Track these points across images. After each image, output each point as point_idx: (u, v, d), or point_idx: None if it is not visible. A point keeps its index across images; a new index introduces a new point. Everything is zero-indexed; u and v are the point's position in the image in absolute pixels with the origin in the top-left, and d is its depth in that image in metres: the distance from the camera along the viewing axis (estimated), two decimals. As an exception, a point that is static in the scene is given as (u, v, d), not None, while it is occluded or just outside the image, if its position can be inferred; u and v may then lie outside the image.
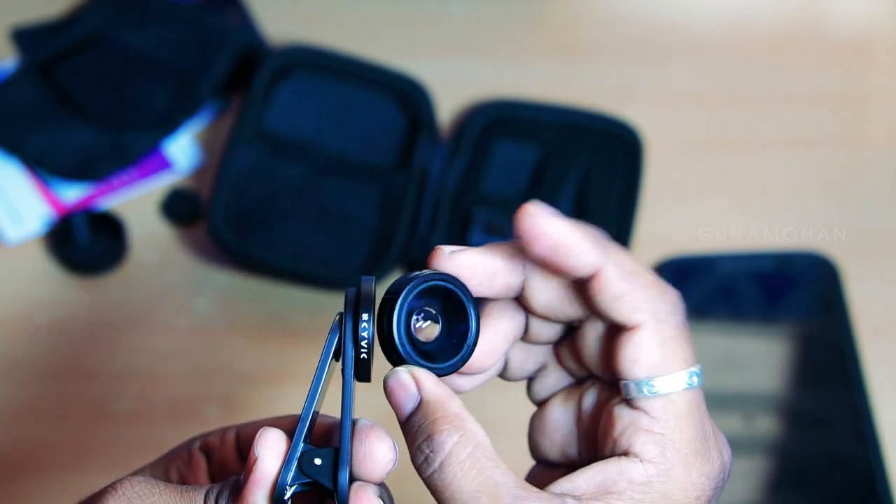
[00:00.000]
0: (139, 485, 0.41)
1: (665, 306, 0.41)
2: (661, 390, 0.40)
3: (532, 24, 0.93)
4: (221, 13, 0.90)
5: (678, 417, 0.41)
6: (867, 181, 0.84)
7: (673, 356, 0.41)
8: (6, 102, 0.83)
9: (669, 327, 0.41)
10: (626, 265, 0.41)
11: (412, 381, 0.41)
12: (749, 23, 0.93)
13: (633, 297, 0.40)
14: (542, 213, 0.40)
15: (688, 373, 0.41)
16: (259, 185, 0.79)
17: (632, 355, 0.40)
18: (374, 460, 0.40)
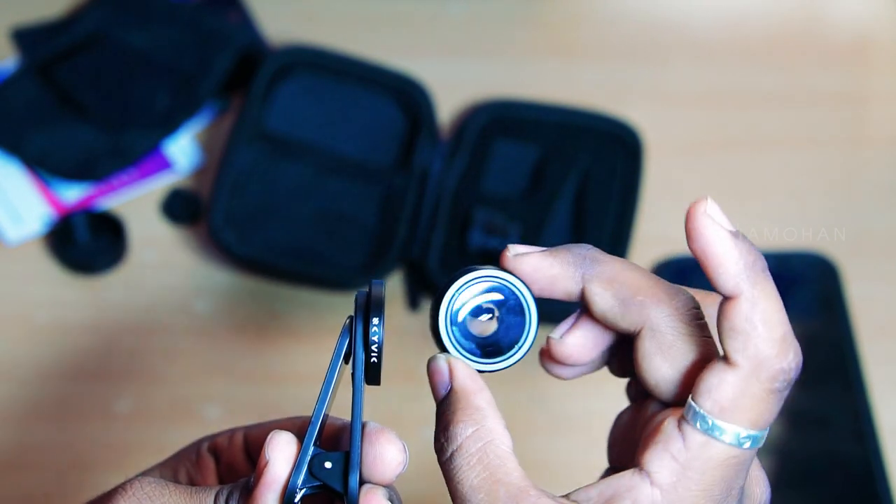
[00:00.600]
0: (149, 485, 0.42)
1: (773, 367, 0.40)
2: (710, 430, 0.39)
3: (532, 25, 0.93)
4: (222, 13, 0.90)
5: (708, 461, 0.40)
6: (867, 181, 0.84)
7: (745, 410, 0.39)
8: (6, 102, 0.83)
9: (761, 384, 0.39)
10: (767, 308, 0.40)
11: (447, 368, 0.42)
12: (749, 23, 0.93)
13: (746, 340, 0.39)
14: (715, 216, 0.41)
15: (745, 432, 0.40)
16: (259, 185, 0.79)
17: (711, 385, 0.39)
18: (385, 462, 0.41)
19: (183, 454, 0.46)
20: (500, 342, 0.43)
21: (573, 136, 0.83)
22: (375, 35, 0.91)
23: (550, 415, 0.74)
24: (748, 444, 0.40)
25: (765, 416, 0.40)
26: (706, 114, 0.87)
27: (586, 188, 0.80)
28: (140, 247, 0.79)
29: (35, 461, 0.71)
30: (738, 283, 0.40)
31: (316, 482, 0.40)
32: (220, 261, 0.79)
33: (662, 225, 0.81)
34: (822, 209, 0.83)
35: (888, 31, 0.93)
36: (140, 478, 0.42)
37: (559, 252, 0.42)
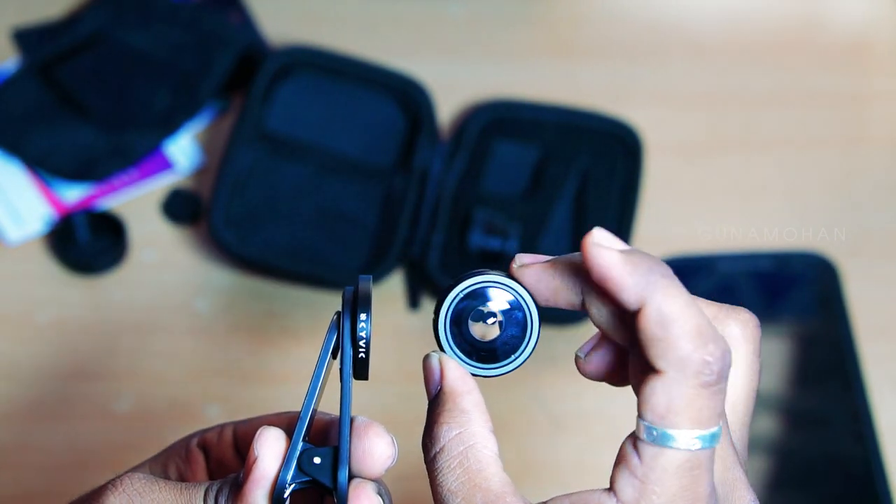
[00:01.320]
0: (139, 482, 0.42)
1: (694, 363, 0.39)
2: (657, 440, 0.40)
3: (531, 25, 0.93)
4: (222, 14, 0.90)
5: (664, 471, 0.40)
6: (866, 181, 0.84)
7: (682, 411, 0.39)
8: (7, 103, 0.83)
9: (688, 382, 0.39)
10: (670, 309, 0.40)
11: (439, 367, 0.42)
12: (748, 23, 0.93)
13: (663, 345, 0.39)
14: (602, 242, 0.41)
15: (691, 433, 0.39)
16: (259, 185, 0.79)
17: (645, 398, 0.40)
18: (373, 457, 0.41)
19: (173, 449, 0.46)
20: (497, 349, 0.43)
21: (573, 136, 0.83)
22: (375, 35, 0.91)
23: (550, 415, 0.74)
24: (698, 444, 0.39)
25: (705, 412, 0.39)
26: (706, 114, 0.87)
27: (586, 188, 0.80)
28: (140, 247, 0.79)
29: (36, 460, 0.71)
30: (639, 293, 0.40)
31: (305, 477, 0.40)
32: (220, 261, 0.79)
33: (662, 225, 0.82)
34: (821, 209, 0.83)
35: (887, 31, 0.93)
36: (130, 474, 0.42)
37: (560, 262, 0.42)
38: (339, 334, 0.42)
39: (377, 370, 0.77)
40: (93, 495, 0.42)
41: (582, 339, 0.76)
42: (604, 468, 0.73)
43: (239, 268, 0.78)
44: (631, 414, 0.75)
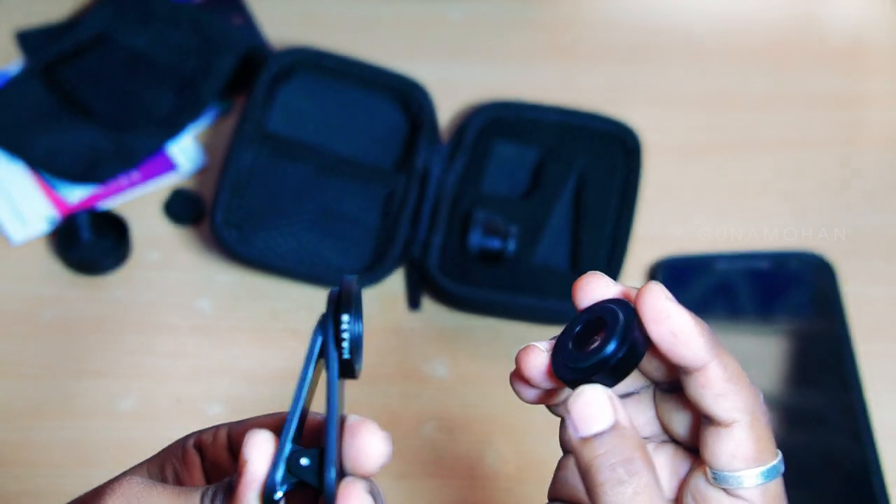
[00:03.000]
0: (137, 486, 0.41)
1: (759, 406, 0.43)
2: (758, 481, 0.43)
3: (531, 27, 0.93)
4: (224, 16, 0.90)
5: (774, 499, 0.43)
6: (863, 182, 0.84)
7: (766, 450, 0.43)
8: (11, 104, 0.83)
9: (762, 425, 0.43)
10: (731, 366, 0.43)
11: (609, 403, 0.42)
12: (746, 26, 0.94)
13: (734, 399, 0.42)
14: (666, 296, 0.42)
15: (775, 464, 0.43)
16: (261, 185, 0.79)
17: (731, 451, 0.42)
18: (367, 454, 0.40)
19: (169, 451, 0.46)
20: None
21: (572, 137, 0.83)
22: (376, 38, 0.91)
23: (549, 413, 0.74)
24: (782, 466, 0.44)
25: (774, 441, 0.43)
26: (704, 115, 0.88)
27: (585, 189, 0.81)
28: (143, 247, 0.79)
29: (40, 458, 0.71)
30: (707, 353, 0.42)
31: (294, 479, 0.40)
32: (222, 261, 0.79)
33: (660, 225, 0.82)
34: (818, 210, 0.83)
35: (883, 33, 0.93)
36: (128, 478, 0.42)
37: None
38: (324, 336, 0.41)
39: (378, 370, 0.77)
40: (90, 498, 0.42)
41: None
42: None
43: (241, 267, 0.78)
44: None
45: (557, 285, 0.76)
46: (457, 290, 0.75)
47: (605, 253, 0.78)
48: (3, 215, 0.80)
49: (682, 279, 0.78)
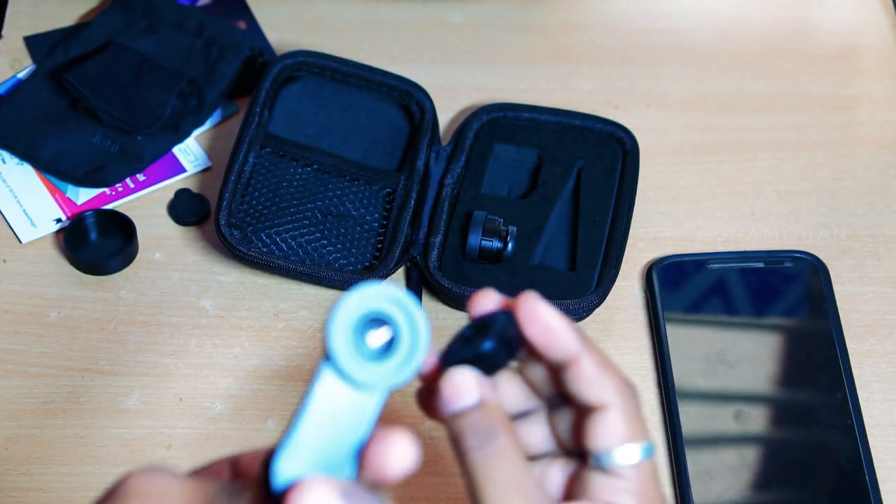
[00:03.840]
0: (159, 472, 0.42)
1: (628, 391, 0.48)
2: (631, 460, 0.47)
3: (529, 30, 0.93)
4: (228, 19, 0.90)
5: (647, 479, 0.47)
6: (854, 183, 0.84)
7: (637, 430, 0.47)
8: (19, 108, 0.84)
9: (631, 408, 0.47)
10: (599, 356, 0.47)
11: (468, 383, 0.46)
12: (741, 29, 0.94)
13: (605, 383, 0.47)
14: (539, 300, 0.46)
15: (648, 444, 0.47)
16: (264, 186, 0.79)
17: (604, 431, 0.47)
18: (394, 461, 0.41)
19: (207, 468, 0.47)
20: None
21: (570, 138, 0.83)
22: (377, 41, 0.91)
23: None
24: (648, 454, 0.47)
25: (644, 427, 0.48)
26: (700, 117, 0.88)
27: (583, 190, 0.81)
28: (148, 247, 0.80)
29: (46, 455, 0.71)
30: (578, 345, 0.47)
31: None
32: (226, 261, 0.79)
33: (656, 226, 0.82)
34: (811, 211, 0.83)
35: (876, 37, 0.94)
36: (149, 472, 0.42)
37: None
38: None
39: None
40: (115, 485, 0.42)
41: None
42: None
43: (244, 268, 0.79)
44: None
45: (556, 285, 0.76)
46: (457, 290, 0.75)
47: (602, 253, 0.78)
48: (12, 216, 0.81)
49: (678, 279, 0.78)
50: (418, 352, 0.43)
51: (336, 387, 0.42)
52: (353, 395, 0.42)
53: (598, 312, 0.76)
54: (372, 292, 0.43)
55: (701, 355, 0.75)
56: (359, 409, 0.42)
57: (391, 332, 0.43)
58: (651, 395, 0.74)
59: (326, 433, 0.41)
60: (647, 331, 0.77)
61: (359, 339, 0.43)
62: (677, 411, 0.72)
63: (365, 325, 0.43)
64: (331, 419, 0.41)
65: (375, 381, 0.42)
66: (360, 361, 0.42)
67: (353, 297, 0.42)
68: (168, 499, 0.41)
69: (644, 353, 0.76)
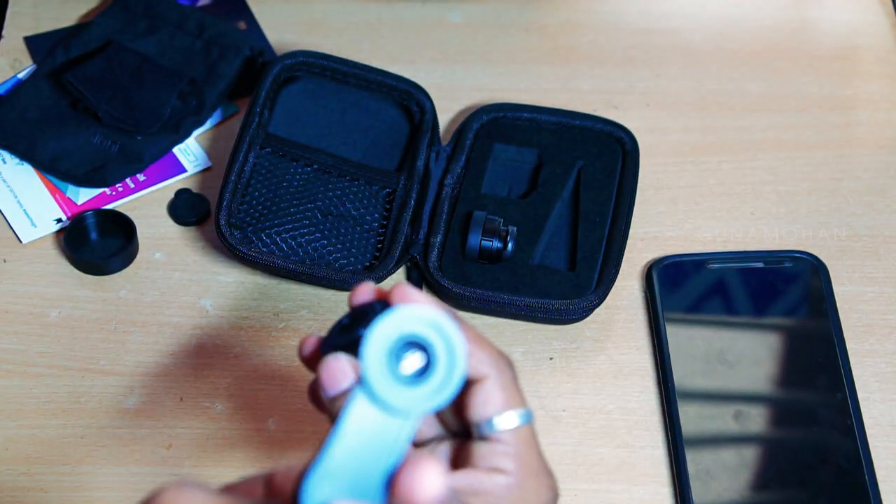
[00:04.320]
0: (190, 488, 0.41)
1: (503, 362, 0.50)
2: (509, 425, 0.49)
3: (529, 31, 0.93)
4: (229, 20, 0.90)
5: (526, 443, 0.50)
6: (854, 183, 0.84)
7: (514, 398, 0.50)
8: (19, 108, 0.84)
9: (507, 378, 0.50)
10: (473, 331, 0.50)
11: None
12: (740, 30, 0.94)
13: (480, 355, 0.50)
14: (410, 287, 0.48)
15: (525, 410, 0.50)
16: (264, 186, 0.79)
17: (483, 400, 0.49)
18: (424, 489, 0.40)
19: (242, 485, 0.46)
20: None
21: (570, 138, 0.83)
22: (377, 41, 0.91)
23: (547, 410, 0.74)
24: (530, 416, 0.51)
25: (522, 394, 0.51)
26: (699, 117, 0.88)
27: (583, 190, 0.81)
28: (149, 247, 0.80)
29: (46, 455, 0.71)
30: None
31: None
32: (226, 261, 0.79)
33: (656, 226, 0.82)
34: (810, 211, 0.83)
35: (875, 38, 0.94)
36: (181, 487, 0.42)
37: None
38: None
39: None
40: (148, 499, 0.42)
41: (580, 338, 0.77)
42: (599, 460, 0.74)
43: (244, 268, 0.79)
44: (624, 409, 0.75)
45: (556, 285, 0.76)
46: (457, 290, 0.75)
47: (602, 253, 0.78)
48: (13, 216, 0.81)
49: (678, 279, 0.78)
50: (454, 376, 0.42)
51: (369, 411, 0.42)
52: (386, 420, 0.41)
53: (597, 312, 0.76)
54: (407, 314, 0.42)
55: (701, 355, 0.75)
56: (391, 435, 0.41)
57: (426, 357, 0.42)
58: (651, 395, 0.74)
59: (357, 458, 0.41)
60: (647, 331, 0.77)
61: (393, 364, 0.42)
62: (677, 411, 0.72)
63: (400, 348, 0.42)
64: (362, 444, 0.41)
65: (409, 407, 0.42)
66: (394, 386, 0.42)
67: (388, 320, 0.42)
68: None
69: (644, 353, 0.76)
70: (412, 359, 0.43)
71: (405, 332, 0.42)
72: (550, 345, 0.76)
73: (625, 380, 0.75)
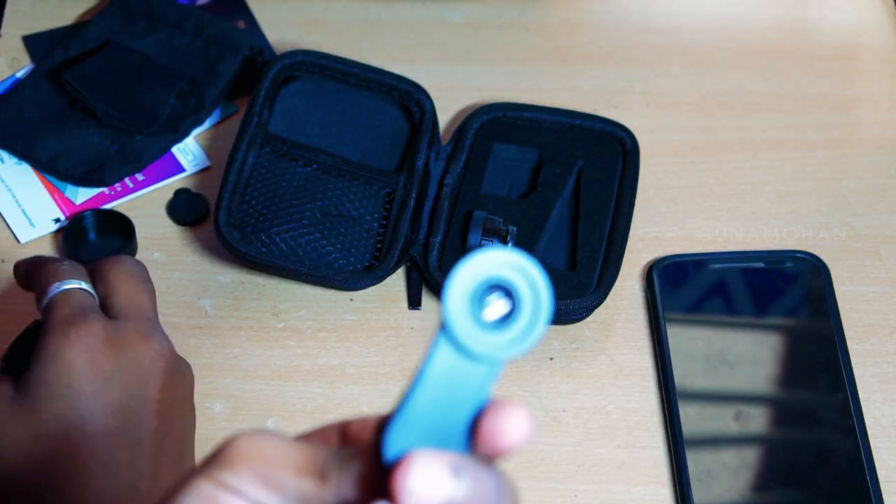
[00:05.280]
0: (264, 433, 0.40)
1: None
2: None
3: (529, 30, 0.93)
4: (228, 19, 0.90)
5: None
6: (855, 183, 0.84)
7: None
8: (17, 107, 0.83)
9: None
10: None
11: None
12: (741, 29, 0.94)
13: None
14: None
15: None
16: (263, 186, 0.79)
17: None
18: (509, 434, 0.38)
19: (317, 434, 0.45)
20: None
21: (570, 138, 0.83)
22: (377, 40, 0.91)
23: (547, 410, 0.74)
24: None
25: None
26: (700, 117, 0.88)
27: (583, 189, 0.81)
28: (147, 247, 0.80)
29: None
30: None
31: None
32: (225, 261, 0.79)
33: (657, 226, 0.82)
34: (811, 211, 0.83)
35: (877, 37, 0.93)
36: (257, 434, 0.40)
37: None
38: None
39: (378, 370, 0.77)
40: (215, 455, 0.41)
41: (580, 338, 0.77)
42: (599, 461, 0.74)
43: (243, 268, 0.79)
44: (624, 409, 0.75)
45: (556, 285, 0.76)
46: (456, 289, 0.75)
47: (602, 253, 0.78)
48: (11, 216, 0.81)
49: (679, 279, 0.78)
50: (539, 321, 0.40)
51: (451, 358, 0.40)
52: (469, 367, 0.40)
53: (598, 312, 0.76)
54: (491, 258, 0.40)
55: (701, 355, 0.75)
56: (474, 382, 0.40)
57: (511, 301, 0.40)
58: (651, 395, 0.74)
59: (439, 406, 0.40)
60: (648, 331, 0.77)
61: (476, 308, 0.40)
62: (678, 411, 0.72)
63: (483, 292, 0.40)
64: (445, 391, 0.40)
65: (493, 353, 0.40)
66: (477, 332, 0.40)
67: (471, 263, 0.40)
68: (276, 462, 0.39)
69: (644, 354, 0.76)
70: (497, 305, 0.41)
71: (489, 275, 0.40)
72: (550, 345, 0.76)
73: (625, 380, 0.75)
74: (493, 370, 0.40)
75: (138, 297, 0.66)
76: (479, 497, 0.38)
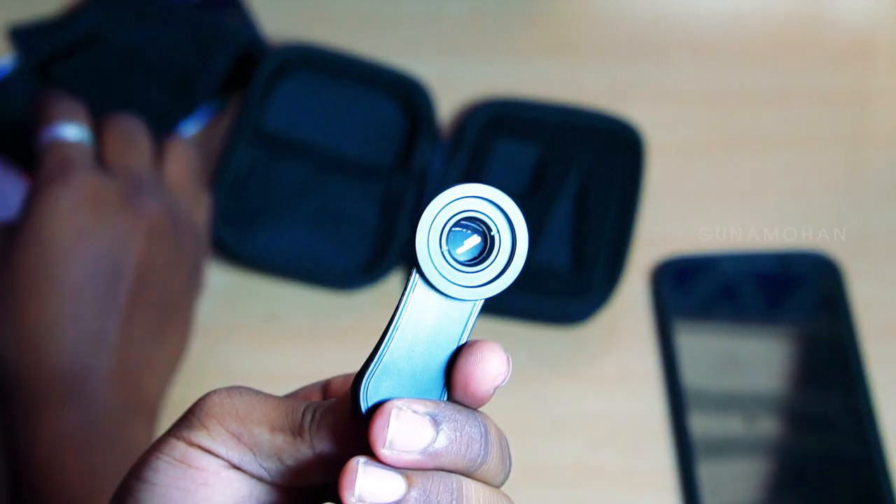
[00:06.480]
0: (242, 390, 0.40)
1: None
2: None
3: (532, 23, 0.93)
4: (220, 12, 0.90)
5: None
6: (869, 180, 0.84)
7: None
8: (3, 102, 0.83)
9: None
10: None
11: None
12: (751, 22, 0.93)
13: None
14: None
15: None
16: (258, 184, 0.79)
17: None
18: (483, 373, 0.37)
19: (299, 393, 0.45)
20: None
21: (574, 135, 0.82)
22: (375, 34, 0.91)
23: (551, 415, 0.74)
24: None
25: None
26: (708, 113, 0.87)
27: (587, 188, 0.80)
28: (138, 246, 0.80)
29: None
30: None
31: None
32: (219, 261, 0.78)
33: (664, 225, 0.81)
34: (824, 208, 0.82)
35: (891, 30, 0.93)
36: (231, 389, 0.41)
37: None
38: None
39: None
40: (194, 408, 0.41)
41: (582, 340, 0.77)
42: (604, 468, 0.75)
43: (238, 268, 0.78)
44: (627, 415, 0.75)
45: (559, 286, 0.76)
46: (457, 290, 0.75)
47: (607, 253, 0.77)
48: (-5, 214, 0.80)
49: (686, 280, 0.78)
50: (517, 257, 0.39)
51: (427, 299, 0.39)
52: (445, 307, 0.39)
53: (602, 314, 0.76)
54: (464, 191, 0.40)
55: (711, 360, 0.74)
56: (450, 323, 0.39)
57: (487, 236, 0.40)
58: (658, 400, 0.74)
59: (416, 351, 0.39)
60: (654, 334, 0.76)
61: (451, 245, 0.40)
62: (687, 417, 0.72)
63: (457, 229, 0.40)
64: (421, 336, 0.39)
65: (470, 292, 0.39)
66: (451, 270, 0.39)
67: (442, 198, 0.39)
68: (249, 419, 0.39)
69: (650, 357, 0.75)
70: (471, 240, 0.40)
71: (461, 209, 0.39)
72: (553, 348, 0.76)
73: (631, 384, 0.75)
74: (471, 310, 0.39)
75: (126, 154, 0.69)
76: (462, 445, 0.37)
